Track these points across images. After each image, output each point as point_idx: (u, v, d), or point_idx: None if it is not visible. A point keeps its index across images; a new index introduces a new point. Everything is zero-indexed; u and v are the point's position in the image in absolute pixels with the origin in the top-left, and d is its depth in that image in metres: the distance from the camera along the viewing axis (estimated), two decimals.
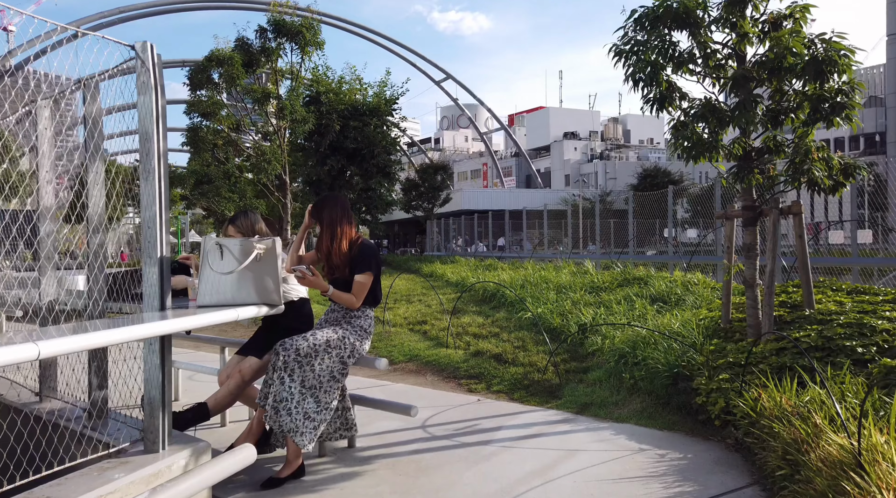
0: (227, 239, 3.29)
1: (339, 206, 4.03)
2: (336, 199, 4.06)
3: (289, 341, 3.78)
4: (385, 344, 8.15)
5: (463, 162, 75.66)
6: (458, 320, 8.73)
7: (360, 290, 3.99)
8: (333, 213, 3.99)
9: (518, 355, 6.86)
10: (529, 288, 9.77)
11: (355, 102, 16.24)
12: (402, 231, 46.98)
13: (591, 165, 60.67)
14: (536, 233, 22.29)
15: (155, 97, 3.23)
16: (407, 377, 6.84)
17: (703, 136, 5.60)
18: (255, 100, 12.65)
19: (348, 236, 4.05)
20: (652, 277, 8.99)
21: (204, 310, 3.24)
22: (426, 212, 28.44)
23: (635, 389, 5.40)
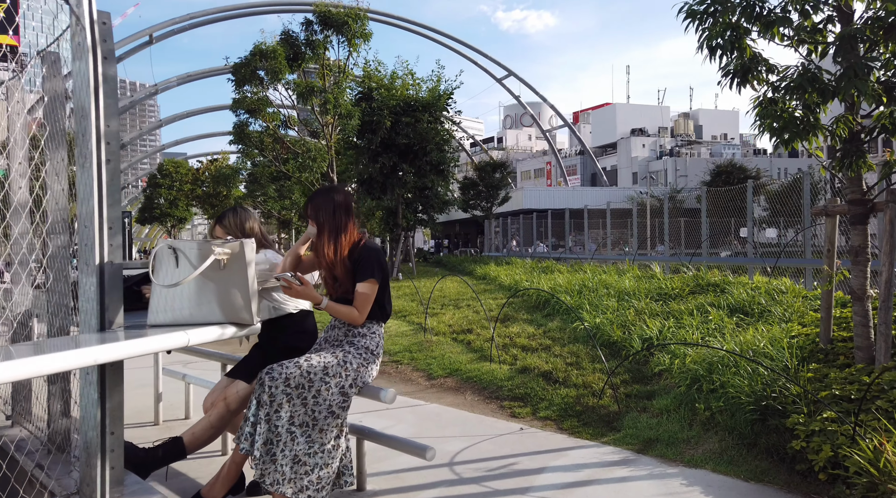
0: (182, 241, 2.62)
1: (336, 202, 3.29)
2: (331, 193, 3.32)
3: (276, 368, 3.07)
4: (425, 355, 7.41)
5: (526, 161, 74.39)
6: (505, 330, 7.89)
7: (362, 301, 3.24)
8: (328, 211, 3.26)
9: (570, 374, 5.96)
10: (587, 294, 8.81)
11: (407, 97, 15.62)
12: (462, 231, 46.28)
13: (661, 162, 58.27)
14: (600, 233, 21.10)
15: (93, 62, 2.58)
16: (444, 396, 6.07)
17: (798, 113, 4.57)
18: (299, 94, 12.21)
19: (350, 239, 3.31)
20: (729, 284, 7.88)
21: (154, 330, 2.58)
22: (485, 211, 27.59)
23: (712, 424, 4.43)
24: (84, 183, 2.59)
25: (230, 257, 2.63)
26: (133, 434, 4.99)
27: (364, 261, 3.26)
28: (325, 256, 3.26)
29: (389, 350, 7.81)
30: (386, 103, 14.93)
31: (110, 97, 2.73)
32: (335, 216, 3.26)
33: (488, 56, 47.55)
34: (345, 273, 3.28)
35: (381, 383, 6.66)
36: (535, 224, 21.96)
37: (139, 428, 5.20)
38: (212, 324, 2.64)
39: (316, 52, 12.30)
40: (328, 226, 3.25)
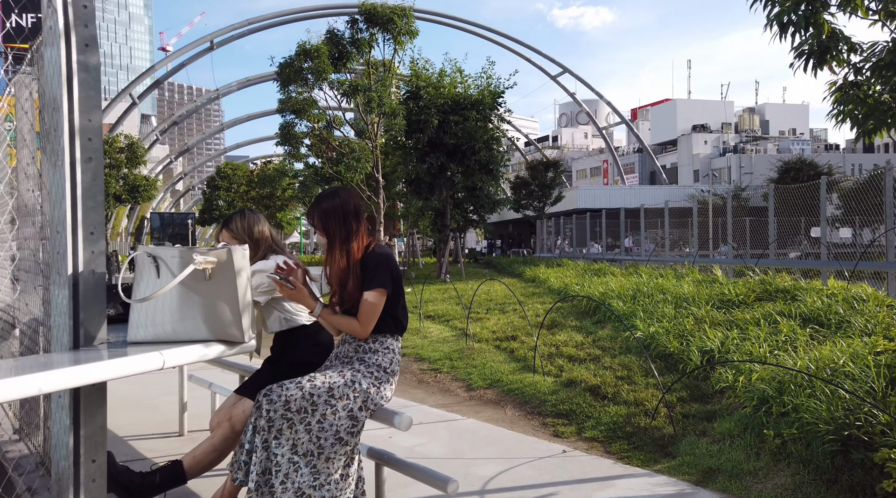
0: (162, 248, 2.33)
1: (345, 206, 2.93)
2: (337, 196, 2.97)
3: (276, 390, 2.74)
4: (465, 363, 7.02)
5: (582, 159, 73.00)
6: (551, 337, 7.41)
7: (368, 312, 2.88)
8: (337, 217, 2.92)
9: (621, 389, 5.46)
10: (642, 300, 8.22)
11: (455, 96, 15.26)
12: (515, 231, 45.64)
13: (724, 159, 56.05)
14: (658, 233, 20.21)
15: (65, 48, 2.31)
16: (482, 409, 5.67)
17: (885, 97, 3.97)
18: (343, 93, 12.02)
19: (361, 245, 2.96)
20: (801, 290, 7.17)
21: (134, 348, 2.29)
22: (537, 211, 26.97)
23: (783, 454, 3.87)
24: (55, 183, 2.32)
25: (216, 266, 2.32)
26: (157, 446, 4.80)
27: (373, 268, 2.90)
28: (336, 267, 2.91)
29: (429, 357, 7.47)
30: (434, 102, 14.62)
31: (91, 89, 2.44)
32: (346, 222, 2.91)
33: (542, 53, 46.76)
34: (356, 284, 2.93)
35: (418, 394, 6.32)
36: (588, 224, 21.24)
37: (163, 439, 5.01)
38: (197, 341, 2.34)
39: (361, 51, 12.09)
40: (339, 234, 2.90)
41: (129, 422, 5.40)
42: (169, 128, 57.48)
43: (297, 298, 2.90)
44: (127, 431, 5.18)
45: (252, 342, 2.46)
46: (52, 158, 2.33)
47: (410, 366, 7.32)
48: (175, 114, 54.82)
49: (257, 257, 3.39)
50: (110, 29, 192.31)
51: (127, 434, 5.09)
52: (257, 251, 3.41)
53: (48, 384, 1.83)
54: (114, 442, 4.86)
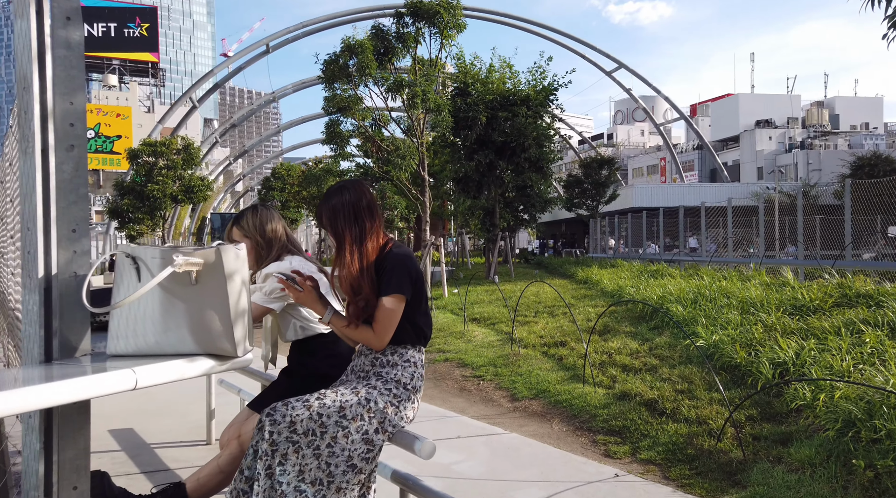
0: (142, 247, 2.04)
1: (356, 202, 2.58)
2: (346, 192, 2.61)
3: (280, 409, 2.41)
4: (510, 371, 6.60)
5: (638, 157, 71.18)
6: (604, 344, 6.91)
7: (384, 320, 2.51)
8: (348, 215, 2.57)
9: (681, 404, 4.94)
10: (703, 304, 7.60)
11: (504, 91, 14.80)
12: (568, 231, 44.65)
13: (790, 156, 53.51)
14: (720, 233, 19.22)
15: (36, 21, 2.03)
16: (527, 422, 5.25)
17: None
18: (388, 89, 11.75)
19: (376, 244, 2.60)
20: (887, 295, 6.44)
21: (115, 362, 2.00)
22: (590, 210, 26.17)
23: (877, 489, 3.32)
24: (26, 173, 2.04)
25: (203, 269, 2.00)
26: (183, 455, 4.59)
27: (390, 270, 2.53)
28: (349, 270, 2.55)
29: (472, 363, 7.08)
30: (482, 98, 14.21)
31: (73, 68, 2.15)
32: (357, 220, 2.55)
33: (597, 48, 45.64)
34: (371, 289, 2.57)
35: (459, 403, 5.94)
36: (645, 223, 20.39)
37: (191, 447, 4.80)
38: (182, 355, 2.03)
39: (406, 46, 11.81)
40: (350, 233, 2.55)
41: (158, 428, 5.22)
42: (227, 131, 58.98)
43: (304, 301, 2.57)
44: (155, 437, 5.00)
45: (248, 356, 2.13)
46: (23, 145, 2.06)
47: (453, 372, 6.95)
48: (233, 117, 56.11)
49: (271, 258, 3.08)
50: (175, 37, 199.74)
51: (155, 441, 4.91)
52: (270, 251, 3.10)
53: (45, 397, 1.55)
54: (141, 450, 4.68)
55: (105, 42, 68.03)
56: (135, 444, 4.83)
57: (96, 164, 61.79)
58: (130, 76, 72.79)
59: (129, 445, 4.78)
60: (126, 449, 4.70)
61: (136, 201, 20.69)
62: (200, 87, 47.62)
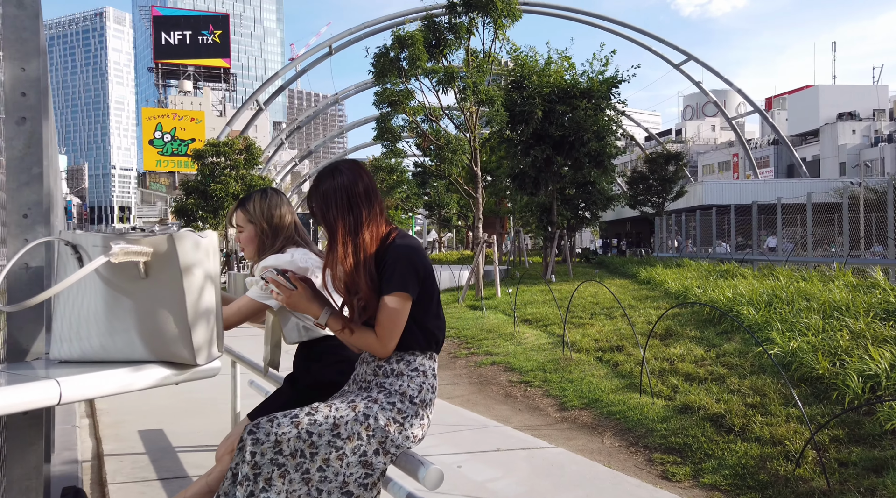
0: (85, 234, 1.73)
1: (350, 187, 2.21)
2: (338, 175, 2.24)
3: (265, 426, 2.06)
4: (560, 377, 6.11)
5: (708, 154, 68.43)
6: (665, 350, 6.32)
7: (387, 323, 2.14)
8: (341, 202, 2.21)
9: (752, 421, 4.35)
10: (779, 307, 6.87)
11: (562, 84, 14.19)
12: (634, 230, 43.23)
13: (876, 150, 50.05)
14: (798, 231, 17.94)
15: None
16: (575, 435, 4.77)
17: None
18: (438, 82, 11.39)
19: (376, 234, 2.23)
20: None
21: (61, 368, 1.71)
22: (656, 207, 25.08)
23: None
24: None
25: (154, 260, 1.68)
26: (204, 461, 4.36)
27: (392, 264, 2.15)
28: (342, 266, 2.19)
29: (520, 367, 6.62)
30: (539, 91, 13.67)
31: (26, 30, 1.88)
32: (352, 207, 2.18)
33: (664, 40, 44.01)
34: (370, 286, 2.20)
35: (503, 410, 5.51)
36: (715, 221, 19.28)
37: (214, 452, 4.57)
38: (132, 362, 1.71)
39: (459, 37, 11.42)
40: (344, 223, 2.19)
41: (188, 429, 5.04)
42: (292, 132, 60.34)
43: (294, 305, 2.22)
44: (183, 439, 4.81)
45: (212, 365, 1.80)
46: None
47: (499, 376, 6.53)
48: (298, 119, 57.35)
49: (274, 248, 2.76)
50: (246, 43, 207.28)
51: (181, 444, 4.71)
52: (275, 241, 2.77)
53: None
54: (164, 454, 4.49)
55: (181, 49, 70.97)
56: (160, 447, 4.65)
57: (172, 167, 64.56)
58: (204, 82, 75.61)
59: (153, 448, 4.60)
60: (150, 452, 4.52)
61: (201, 201, 21.21)
62: (265, 91, 48.83)
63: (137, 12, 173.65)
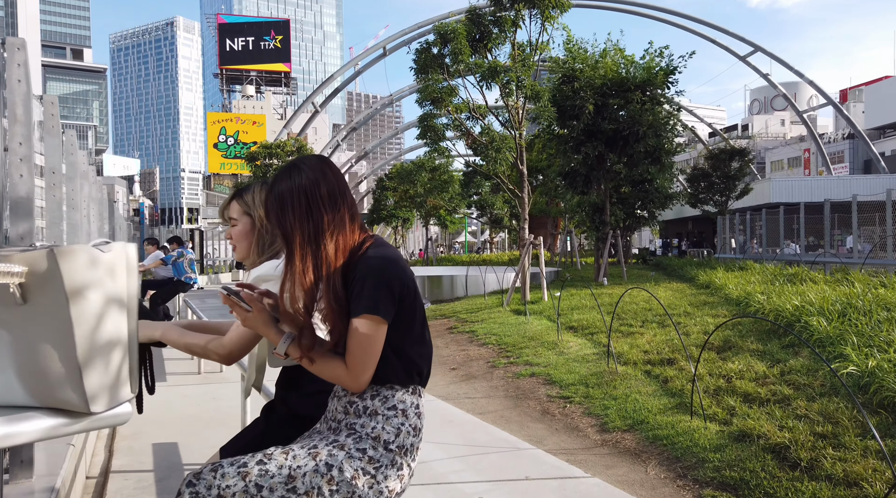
0: None
1: (309, 188, 1.82)
2: (296, 173, 1.84)
3: (207, 477, 1.70)
4: (602, 393, 5.59)
5: (777, 149, 65.40)
6: (721, 365, 5.70)
7: (358, 350, 1.76)
8: (299, 207, 1.83)
9: (822, 454, 3.75)
10: (854, 317, 6.13)
11: (615, 76, 13.47)
12: (696, 229, 41.52)
13: None
14: (876, 231, 16.60)
15: None
16: (616, 463, 4.27)
17: None
18: (482, 76, 10.93)
19: (344, 244, 1.84)
20: None
21: None
22: (718, 206, 23.85)
23: None
24: None
25: (31, 282, 1.35)
26: None
27: (360, 280, 1.76)
28: (300, 282, 1.81)
29: (561, 380, 6.13)
30: (590, 83, 13.02)
31: None
32: (311, 212, 1.80)
33: (729, 31, 42.13)
34: (336, 307, 1.82)
35: (537, 430, 5.06)
36: (783, 220, 18.09)
37: None
38: (7, 408, 1.39)
39: (504, 30, 10.95)
40: (302, 232, 1.81)
41: (202, 444, 4.79)
42: (348, 134, 61.06)
43: (252, 326, 1.86)
44: (195, 456, 4.56)
45: (117, 412, 1.46)
46: None
47: (537, 390, 6.06)
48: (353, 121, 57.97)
49: (273, 249, 2.35)
50: (307, 48, 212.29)
51: (191, 461, 4.47)
52: (275, 240, 2.36)
53: None
54: (171, 472, 4.24)
55: (244, 55, 73.01)
56: (169, 463, 4.41)
57: (235, 169, 66.43)
58: (266, 86, 77.55)
59: (162, 465, 4.37)
60: (158, 469, 4.29)
61: None
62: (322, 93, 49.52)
63: (205, 21, 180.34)
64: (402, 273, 1.84)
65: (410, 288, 1.86)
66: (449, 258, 34.07)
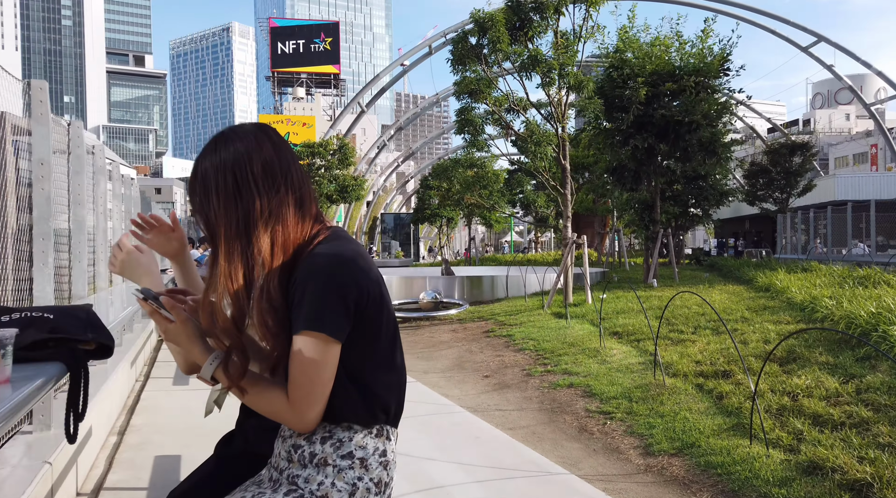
0: None
1: (233, 167, 1.40)
2: (219, 147, 1.42)
3: None
4: (647, 409, 5.00)
5: (842, 145, 62.22)
6: (786, 380, 5.03)
7: (303, 377, 1.34)
8: (223, 191, 1.40)
9: None
10: None
11: (666, 65, 12.67)
12: (753, 229, 39.71)
13: None
14: None
15: None
16: (660, 494, 3.70)
17: None
18: (521, 66, 10.34)
19: (285, 239, 1.40)
20: None
21: None
22: (778, 203, 22.53)
23: None
24: None
25: None
26: None
27: (300, 286, 1.33)
28: (226, 287, 1.38)
29: (602, 393, 5.56)
30: (641, 70, 12.25)
31: None
32: (240, 195, 1.38)
33: (789, 21, 40.06)
34: (274, 319, 1.38)
35: (572, 450, 4.52)
36: (850, 218, 16.86)
37: None
38: None
39: (545, 18, 10.36)
40: (227, 221, 1.38)
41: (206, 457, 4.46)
42: (395, 134, 61.17)
43: (172, 340, 1.43)
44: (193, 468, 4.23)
45: None
46: None
47: (575, 403, 5.51)
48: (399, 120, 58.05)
49: None
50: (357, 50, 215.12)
51: None
52: None
53: None
54: (165, 490, 3.90)
55: (294, 58, 74.25)
56: (166, 480, 4.07)
57: None
58: (315, 88, 78.74)
59: (158, 482, 4.03)
60: (153, 487, 3.95)
61: None
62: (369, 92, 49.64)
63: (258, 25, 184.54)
64: (361, 276, 1.38)
65: (373, 295, 1.39)
66: (492, 258, 33.50)
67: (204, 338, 1.41)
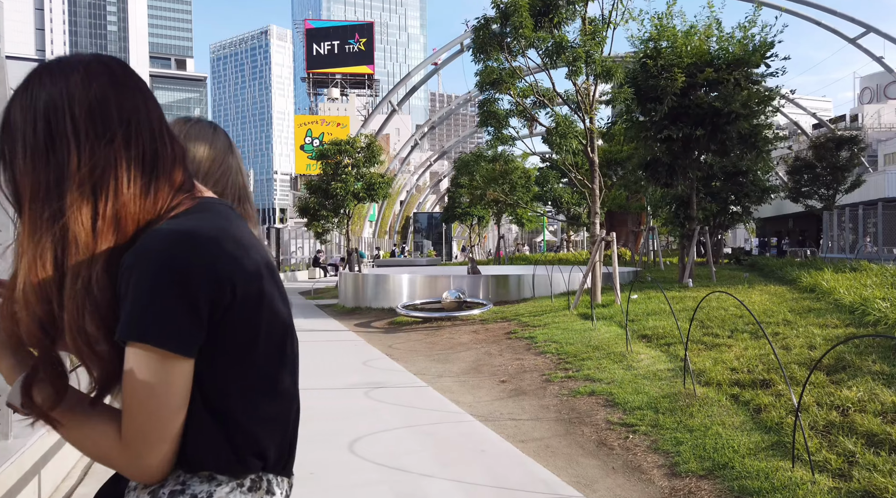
0: None
1: (42, 110, 0.99)
2: (28, 85, 1.02)
3: None
4: (675, 421, 4.49)
5: (892, 141, 59.66)
6: (834, 391, 4.46)
7: (135, 407, 0.94)
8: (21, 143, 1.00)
9: None
10: None
11: (704, 54, 11.97)
12: (797, 227, 38.17)
13: None
14: None
15: None
16: None
17: None
18: (546, 54, 9.79)
19: (108, 216, 0.99)
20: None
21: None
22: (824, 201, 21.43)
23: None
24: None
25: None
26: None
27: (128, 275, 0.93)
28: (29, 278, 0.98)
29: (625, 402, 5.06)
30: (679, 60, 11.59)
31: None
32: (52, 152, 0.99)
33: (836, 12, 38.40)
34: (96, 325, 0.98)
35: (589, 468, 4.05)
36: None
37: None
38: None
39: (572, 2, 9.81)
40: (32, 186, 1.00)
41: None
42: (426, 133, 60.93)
43: None
44: None
45: None
46: None
47: (595, 413, 5.02)
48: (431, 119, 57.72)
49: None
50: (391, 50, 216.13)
51: None
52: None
53: None
54: None
55: (329, 59, 74.72)
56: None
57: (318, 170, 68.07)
58: (350, 89, 79.20)
59: None
60: None
61: (322, 199, 21.27)
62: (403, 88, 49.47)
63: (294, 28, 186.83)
64: (223, 263, 0.96)
65: (244, 291, 0.98)
66: (522, 257, 32.92)
67: (20, 347, 1.03)
